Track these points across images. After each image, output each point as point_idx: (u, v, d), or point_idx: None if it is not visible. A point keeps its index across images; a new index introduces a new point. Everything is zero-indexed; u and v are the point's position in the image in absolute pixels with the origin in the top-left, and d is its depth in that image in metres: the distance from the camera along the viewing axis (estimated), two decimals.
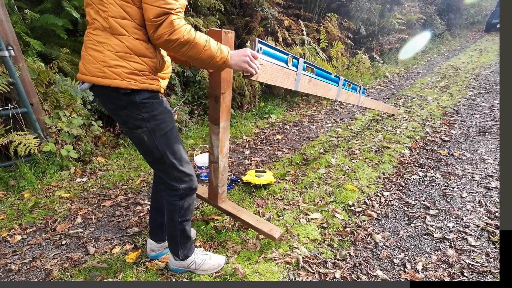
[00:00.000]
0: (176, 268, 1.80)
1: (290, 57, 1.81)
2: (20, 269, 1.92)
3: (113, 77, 1.23)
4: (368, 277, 1.81)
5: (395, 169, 3.17)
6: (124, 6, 1.17)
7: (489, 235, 2.13)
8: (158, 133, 1.40)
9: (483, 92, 5.95)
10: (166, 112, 1.43)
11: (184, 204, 1.59)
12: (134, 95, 1.29)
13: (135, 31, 1.22)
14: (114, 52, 1.22)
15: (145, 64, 1.27)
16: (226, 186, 2.21)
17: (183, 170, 1.51)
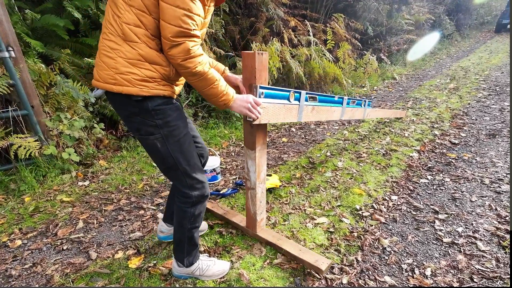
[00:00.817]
0: (179, 275, 1.78)
1: (292, 93, 1.82)
2: (21, 274, 1.92)
3: (124, 84, 1.24)
4: (375, 283, 1.79)
5: (403, 173, 3.14)
6: (139, 15, 1.18)
7: (499, 240, 2.09)
8: (171, 140, 1.39)
9: (493, 94, 5.87)
10: (180, 118, 1.42)
11: (195, 212, 1.58)
12: (147, 101, 1.29)
13: (148, 39, 1.22)
14: (126, 59, 1.23)
15: (156, 71, 1.27)
16: (264, 214, 2.13)
17: (195, 177, 1.50)
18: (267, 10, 5.54)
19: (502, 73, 7.53)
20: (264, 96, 1.61)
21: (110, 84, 1.26)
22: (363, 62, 7.43)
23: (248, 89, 1.60)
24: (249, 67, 1.57)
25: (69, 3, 3.40)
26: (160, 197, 2.80)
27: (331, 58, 6.03)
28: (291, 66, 5.27)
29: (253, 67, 1.56)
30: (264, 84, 1.65)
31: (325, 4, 7.30)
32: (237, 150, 3.92)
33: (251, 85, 1.61)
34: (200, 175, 1.53)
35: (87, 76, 3.75)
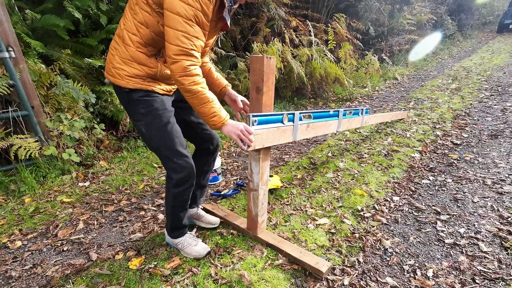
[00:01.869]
0: (168, 242, 2.04)
1: (285, 115, 1.84)
2: (21, 275, 1.92)
3: (116, 77, 1.51)
4: (377, 284, 1.78)
5: (405, 173, 3.13)
6: (138, 26, 1.42)
7: (501, 241, 2.08)
8: (154, 127, 1.59)
9: (495, 95, 5.85)
10: (163, 109, 1.59)
11: (176, 192, 1.73)
12: (132, 93, 1.53)
13: (140, 46, 1.45)
14: (120, 58, 1.48)
15: (143, 71, 1.49)
16: (265, 215, 2.15)
17: (177, 162, 1.64)
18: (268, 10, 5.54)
19: (504, 73, 7.50)
20: (258, 123, 1.65)
21: (109, 75, 1.54)
22: (364, 63, 7.41)
23: (256, 92, 1.66)
24: (257, 70, 1.62)
25: (69, 3, 3.40)
26: (161, 197, 2.80)
27: (332, 59, 6.02)
28: (293, 67, 5.27)
29: (261, 70, 1.60)
30: (271, 87, 1.70)
31: (326, 4, 7.29)
32: (238, 151, 3.91)
33: (258, 87, 1.65)
34: (182, 161, 1.65)
35: (88, 77, 3.75)
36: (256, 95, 1.68)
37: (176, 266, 1.92)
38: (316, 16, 7.06)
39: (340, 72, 5.93)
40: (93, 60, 3.52)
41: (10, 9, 3.18)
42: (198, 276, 1.83)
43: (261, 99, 1.68)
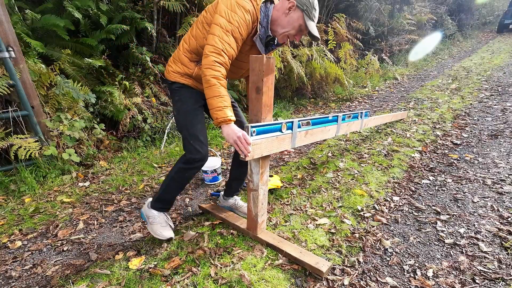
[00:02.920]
0: (142, 212, 2.14)
1: (284, 124, 1.86)
2: (21, 275, 1.92)
3: (167, 72, 1.95)
4: (377, 284, 1.78)
5: (405, 173, 3.13)
6: (190, 38, 1.82)
7: (501, 241, 2.08)
8: (181, 112, 1.92)
9: (495, 95, 5.85)
10: (192, 97, 1.92)
11: (182, 167, 1.95)
12: (172, 85, 1.93)
13: (186, 52, 1.85)
14: (173, 58, 1.93)
15: (183, 70, 1.87)
16: (265, 215, 2.16)
17: (193, 144, 1.87)
18: None
19: (504, 73, 7.50)
20: (256, 134, 1.67)
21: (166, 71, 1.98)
22: (364, 63, 7.42)
23: (255, 92, 1.68)
24: (257, 70, 1.62)
25: (69, 3, 3.40)
26: None
27: (332, 59, 6.03)
28: (293, 67, 5.27)
29: (261, 70, 1.60)
30: (271, 87, 1.70)
31: (326, 4, 7.29)
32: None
33: (257, 87, 1.65)
34: (197, 145, 1.87)
35: (88, 77, 3.76)
36: (256, 95, 1.68)
37: (176, 266, 1.92)
38: None
39: (340, 72, 5.93)
40: (93, 60, 3.52)
41: (10, 9, 3.17)
42: (198, 276, 1.83)
43: (261, 99, 1.67)
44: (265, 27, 1.72)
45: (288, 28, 1.71)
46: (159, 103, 4.25)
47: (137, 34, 4.21)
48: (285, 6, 1.67)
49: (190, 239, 2.17)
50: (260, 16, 1.67)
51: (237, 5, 1.60)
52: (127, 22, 3.90)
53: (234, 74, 2.01)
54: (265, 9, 1.68)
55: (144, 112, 3.96)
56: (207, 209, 2.50)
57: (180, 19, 4.58)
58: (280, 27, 1.72)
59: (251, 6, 1.63)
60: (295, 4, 1.65)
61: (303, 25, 1.69)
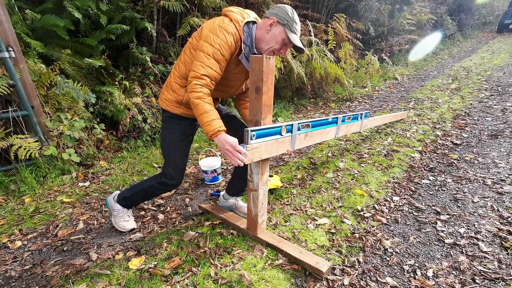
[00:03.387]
0: (108, 201, 2.28)
1: (283, 127, 1.87)
2: (21, 275, 1.92)
3: (160, 98, 2.02)
4: (377, 284, 1.78)
5: (405, 173, 3.13)
6: (179, 64, 1.89)
7: (501, 241, 2.08)
8: (166, 140, 2.02)
9: (495, 95, 5.85)
10: (178, 129, 2.00)
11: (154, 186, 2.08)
12: (164, 112, 2.02)
13: (176, 78, 1.90)
14: (165, 85, 2.00)
15: (173, 97, 1.92)
16: (265, 215, 2.16)
17: (170, 172, 2.02)
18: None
19: (504, 73, 7.51)
20: (256, 137, 1.67)
21: (159, 98, 2.04)
22: (364, 63, 7.42)
23: (255, 92, 1.69)
24: (257, 70, 1.62)
25: (69, 3, 3.40)
26: (161, 197, 2.80)
27: (332, 59, 6.03)
28: (293, 67, 5.27)
29: (260, 70, 1.60)
30: (271, 87, 1.70)
31: (326, 4, 7.29)
32: None
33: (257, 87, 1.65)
34: (173, 172, 2.02)
35: (88, 77, 3.75)
36: (256, 95, 1.68)
37: (176, 266, 1.92)
38: (316, 16, 7.06)
39: (340, 72, 5.93)
40: (93, 60, 3.52)
41: (10, 9, 3.16)
42: (198, 276, 1.83)
43: (261, 99, 1.67)
44: (249, 46, 1.78)
45: (272, 44, 1.77)
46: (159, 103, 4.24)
47: (137, 34, 4.21)
48: (267, 23, 1.75)
49: (190, 239, 2.17)
50: (244, 36, 1.75)
51: (219, 28, 1.69)
52: (127, 22, 3.90)
53: (225, 94, 2.04)
54: (248, 29, 1.77)
55: (144, 112, 3.96)
56: (207, 209, 2.50)
57: (180, 19, 4.58)
58: (264, 44, 1.78)
59: (233, 28, 1.71)
60: (276, 20, 1.72)
61: (286, 38, 1.75)
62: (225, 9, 1.80)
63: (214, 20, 1.74)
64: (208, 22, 1.75)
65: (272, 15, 1.73)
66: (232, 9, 1.78)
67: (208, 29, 1.71)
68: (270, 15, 1.74)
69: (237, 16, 1.74)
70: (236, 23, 1.73)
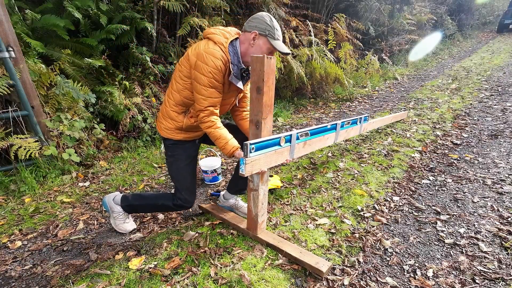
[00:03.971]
0: (107, 202, 2.25)
1: (282, 138, 1.88)
2: (21, 275, 1.92)
3: (159, 127, 2.08)
4: (377, 284, 1.78)
5: (405, 173, 3.13)
6: (173, 93, 1.95)
7: (501, 241, 2.08)
8: (174, 166, 2.10)
9: (495, 95, 5.85)
10: (184, 154, 2.09)
11: (168, 205, 2.15)
12: (166, 140, 2.08)
13: (172, 106, 1.96)
14: (162, 114, 2.04)
15: (173, 124, 2.00)
16: (265, 215, 2.17)
17: (184, 195, 2.10)
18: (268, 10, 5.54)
19: (504, 73, 7.51)
20: (255, 151, 1.68)
21: (157, 125, 2.11)
22: (364, 63, 7.41)
23: (256, 92, 1.70)
24: (258, 70, 1.62)
25: (69, 3, 3.40)
26: None
27: (332, 59, 6.03)
28: (292, 67, 5.27)
29: (261, 70, 1.60)
30: (271, 87, 1.71)
31: (326, 4, 7.29)
32: None
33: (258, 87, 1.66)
34: (187, 195, 2.11)
35: (88, 77, 3.75)
36: (257, 95, 1.69)
37: (176, 266, 1.92)
38: (316, 16, 7.06)
39: (340, 72, 5.93)
40: (93, 60, 3.52)
41: (10, 9, 3.16)
42: (198, 276, 1.83)
43: (262, 99, 1.67)
44: (237, 65, 1.84)
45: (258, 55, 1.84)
46: (159, 103, 4.24)
47: (137, 34, 4.21)
48: (249, 38, 1.79)
49: (190, 239, 2.17)
50: (230, 57, 1.80)
51: (206, 55, 1.73)
52: (127, 22, 3.90)
53: (221, 111, 2.06)
54: (233, 48, 1.82)
55: (144, 112, 3.96)
56: (207, 209, 2.50)
57: (180, 19, 4.58)
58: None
59: (219, 51, 1.75)
60: (257, 33, 1.77)
61: (270, 47, 1.80)
62: (206, 32, 1.84)
63: (198, 45, 1.79)
64: (193, 49, 1.79)
65: (252, 28, 1.78)
66: (213, 31, 1.82)
67: (195, 57, 1.75)
68: (250, 29, 1.79)
69: (220, 38, 1.78)
70: (220, 45, 1.77)
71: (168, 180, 3.14)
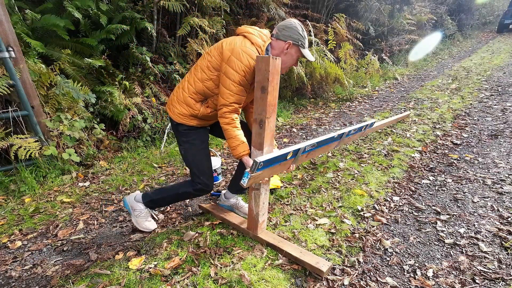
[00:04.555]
0: (128, 201, 2.27)
1: (291, 152, 1.85)
2: (21, 276, 1.92)
3: (172, 111, 2.04)
4: (377, 284, 1.78)
5: (405, 173, 3.13)
6: (195, 80, 1.93)
7: (501, 241, 2.08)
8: (189, 152, 2.09)
9: (495, 95, 5.85)
10: (198, 139, 2.10)
11: (189, 192, 2.16)
12: (178, 126, 2.06)
13: (192, 94, 1.95)
14: (177, 99, 2.01)
15: (188, 111, 1.99)
16: (266, 215, 2.17)
17: (202, 180, 2.11)
18: (268, 10, 5.54)
19: (504, 73, 7.51)
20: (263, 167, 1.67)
21: (168, 109, 2.09)
22: (364, 63, 7.41)
23: (261, 91, 1.72)
24: (263, 70, 1.65)
25: (69, 3, 3.40)
26: None
27: (332, 59, 6.02)
28: (292, 67, 5.26)
29: (267, 70, 1.63)
30: (276, 87, 1.74)
31: (326, 4, 7.29)
32: None
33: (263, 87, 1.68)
34: (205, 178, 2.11)
35: (88, 77, 3.75)
36: (261, 94, 1.71)
37: (176, 266, 1.92)
38: (316, 16, 7.06)
39: (340, 72, 5.93)
40: (93, 60, 3.52)
41: (10, 9, 3.16)
42: (198, 276, 1.83)
43: (266, 99, 1.69)
44: None
45: (289, 63, 1.95)
46: (159, 103, 4.25)
47: (137, 34, 4.21)
48: (283, 47, 1.86)
49: (190, 239, 2.17)
50: None
51: (242, 53, 1.75)
52: (127, 22, 3.90)
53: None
54: (267, 52, 1.89)
55: (144, 112, 3.96)
56: (207, 209, 2.50)
57: (180, 19, 4.58)
58: (282, 63, 1.87)
59: (256, 53, 1.79)
60: (291, 43, 1.84)
61: (300, 55, 1.91)
62: (243, 30, 1.87)
63: (233, 40, 1.81)
64: (227, 43, 1.81)
65: (287, 38, 1.83)
66: (251, 31, 1.85)
67: (230, 52, 1.77)
68: (285, 38, 1.84)
69: (258, 40, 1.83)
70: (258, 47, 1.82)
71: (168, 180, 3.14)
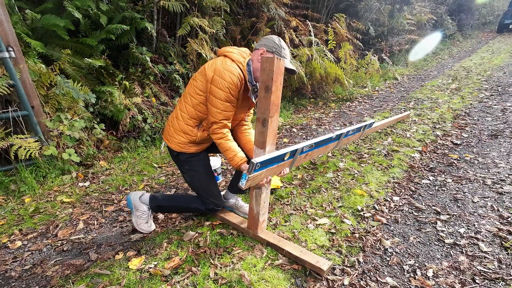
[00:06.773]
0: (132, 200, 2.26)
1: (288, 154, 1.87)
2: (21, 275, 1.92)
3: (170, 141, 2.11)
4: (377, 284, 1.78)
5: (405, 173, 3.13)
6: (187, 107, 2.02)
7: (501, 241, 2.08)
8: (195, 178, 2.19)
9: (495, 95, 5.85)
10: (200, 164, 2.19)
11: (203, 211, 2.28)
12: (179, 155, 2.14)
13: (187, 120, 2.03)
14: (174, 129, 2.08)
15: (187, 139, 2.06)
16: (266, 215, 2.18)
17: (210, 199, 2.22)
18: (268, 10, 5.54)
19: (504, 73, 7.51)
20: (259, 168, 1.68)
21: (166, 139, 2.16)
22: (364, 63, 7.41)
23: (264, 91, 1.73)
24: (267, 70, 1.66)
25: (69, 3, 3.40)
26: None
27: (332, 59, 6.02)
28: None
29: (271, 70, 1.64)
30: (279, 87, 1.75)
31: (326, 4, 7.29)
32: None
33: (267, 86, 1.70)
34: (214, 199, 2.22)
35: (88, 77, 3.75)
36: (265, 94, 1.73)
37: (176, 266, 1.92)
38: (316, 16, 7.06)
39: (340, 72, 5.93)
40: (93, 60, 3.52)
41: (10, 9, 3.16)
42: (198, 276, 1.83)
43: (270, 98, 1.71)
44: (251, 82, 1.97)
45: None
46: (159, 103, 4.24)
47: (137, 34, 4.21)
48: (258, 54, 1.91)
49: (190, 239, 2.17)
50: (248, 77, 1.93)
51: (224, 71, 1.84)
52: (127, 22, 3.90)
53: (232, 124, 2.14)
54: (248, 67, 1.94)
55: (144, 112, 3.96)
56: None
57: (180, 19, 4.58)
58: (256, 71, 1.94)
59: (237, 69, 1.87)
60: (265, 50, 1.90)
61: None
62: (223, 50, 1.97)
63: (215, 61, 1.90)
64: (209, 65, 1.91)
65: (261, 46, 1.91)
66: (230, 50, 1.96)
67: (212, 72, 1.86)
68: (259, 47, 1.92)
69: (238, 57, 1.92)
70: (239, 63, 1.90)
71: (168, 180, 3.14)
